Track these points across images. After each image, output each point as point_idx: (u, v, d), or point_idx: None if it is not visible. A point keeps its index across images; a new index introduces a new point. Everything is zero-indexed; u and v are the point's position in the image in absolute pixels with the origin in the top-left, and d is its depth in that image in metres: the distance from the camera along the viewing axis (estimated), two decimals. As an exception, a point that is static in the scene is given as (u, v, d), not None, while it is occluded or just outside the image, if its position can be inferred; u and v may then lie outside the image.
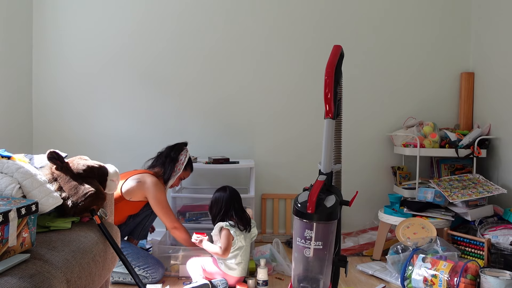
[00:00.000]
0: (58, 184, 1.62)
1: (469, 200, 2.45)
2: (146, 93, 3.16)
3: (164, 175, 2.51)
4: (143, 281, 2.19)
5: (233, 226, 2.24)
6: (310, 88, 3.14)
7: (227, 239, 2.21)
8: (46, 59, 3.16)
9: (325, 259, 1.48)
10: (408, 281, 2.11)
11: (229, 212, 2.30)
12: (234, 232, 2.22)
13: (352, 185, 2.82)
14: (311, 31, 3.15)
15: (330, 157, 1.55)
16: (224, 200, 2.32)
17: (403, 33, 3.17)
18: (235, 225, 2.25)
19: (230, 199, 2.32)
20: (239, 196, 2.38)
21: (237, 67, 3.16)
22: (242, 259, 2.24)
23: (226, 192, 2.35)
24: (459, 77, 3.17)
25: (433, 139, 2.82)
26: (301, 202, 1.47)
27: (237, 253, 2.22)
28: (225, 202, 2.32)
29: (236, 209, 2.32)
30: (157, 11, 3.13)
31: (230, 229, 2.22)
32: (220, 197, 2.34)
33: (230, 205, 2.31)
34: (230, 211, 2.30)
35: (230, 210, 2.30)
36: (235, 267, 2.22)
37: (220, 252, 2.19)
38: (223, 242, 2.21)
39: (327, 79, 1.51)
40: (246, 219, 2.32)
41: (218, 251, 2.20)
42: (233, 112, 3.18)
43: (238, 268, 2.22)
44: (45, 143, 3.10)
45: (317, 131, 3.04)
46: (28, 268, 1.18)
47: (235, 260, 2.22)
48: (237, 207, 2.32)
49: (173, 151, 2.56)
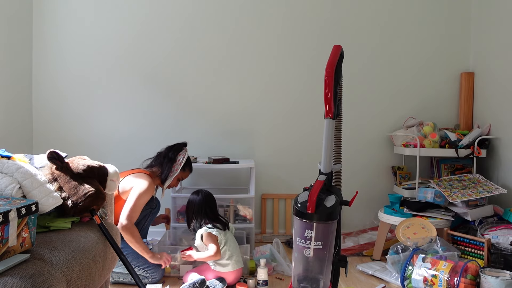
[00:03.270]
0: (58, 184, 1.62)
1: (469, 200, 2.45)
2: (146, 93, 3.16)
3: (161, 175, 2.50)
4: (143, 281, 2.19)
5: (211, 228, 2.28)
6: (310, 88, 3.14)
7: (213, 240, 2.24)
8: (46, 60, 3.16)
9: (325, 259, 1.48)
10: (408, 281, 2.11)
11: (202, 214, 2.33)
12: (216, 232, 2.26)
13: (352, 185, 2.83)
14: (311, 31, 3.15)
15: (330, 157, 1.55)
16: (197, 204, 2.35)
17: (403, 33, 3.17)
18: (212, 227, 2.29)
19: (203, 204, 2.35)
20: (212, 201, 2.40)
21: (237, 67, 3.16)
22: (232, 252, 2.26)
23: (199, 196, 2.38)
24: (459, 77, 3.17)
25: (433, 139, 2.82)
26: (301, 202, 1.47)
27: (224, 249, 2.25)
28: (198, 206, 2.35)
29: (209, 214, 2.34)
30: (158, 12, 3.13)
31: (211, 231, 2.26)
32: (193, 201, 2.38)
33: (202, 210, 2.34)
34: (203, 213, 2.33)
35: (203, 213, 2.33)
36: (228, 262, 2.23)
37: (213, 254, 2.20)
38: (210, 244, 2.23)
39: (327, 79, 1.51)
40: (221, 221, 2.35)
41: (211, 253, 2.21)
42: (234, 112, 3.18)
43: (231, 262, 2.24)
44: (45, 143, 3.10)
45: (317, 131, 3.04)
46: (28, 268, 1.18)
47: (225, 255, 2.24)
48: (209, 212, 2.35)
49: (172, 151, 2.55)
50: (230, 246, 2.27)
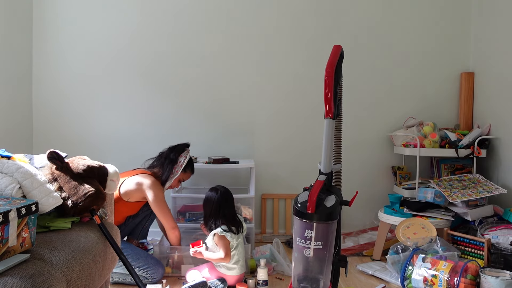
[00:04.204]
0: (58, 184, 1.62)
1: (469, 200, 2.45)
2: (147, 93, 3.16)
3: (162, 176, 2.50)
4: (143, 281, 2.19)
5: (226, 231, 2.23)
6: (311, 88, 3.14)
7: (225, 245, 2.21)
8: (46, 59, 3.16)
9: (325, 259, 1.48)
10: (408, 281, 2.11)
11: (219, 214, 2.28)
12: (230, 237, 2.22)
13: (352, 185, 2.83)
14: (311, 31, 3.15)
15: (330, 157, 1.55)
16: (215, 201, 2.31)
17: (403, 33, 3.17)
18: (228, 229, 2.24)
19: (221, 201, 2.31)
20: (230, 198, 2.35)
21: (237, 67, 3.16)
22: (239, 257, 2.25)
23: (218, 193, 2.33)
24: (459, 77, 3.17)
25: (433, 139, 2.82)
26: (301, 202, 1.47)
27: (234, 253, 2.23)
28: (215, 204, 2.30)
29: (226, 212, 2.30)
30: (158, 11, 3.13)
31: (225, 235, 2.22)
32: (210, 199, 2.33)
33: (220, 208, 2.30)
34: (221, 213, 2.29)
35: (221, 213, 2.29)
36: (234, 266, 2.23)
37: (223, 257, 2.19)
38: (222, 248, 2.20)
39: (327, 79, 1.52)
40: (237, 222, 2.31)
41: (221, 256, 2.19)
42: (233, 112, 3.18)
43: (237, 266, 2.23)
44: (45, 143, 3.10)
45: (317, 131, 3.04)
46: (28, 268, 1.18)
47: (233, 260, 2.22)
48: (226, 211, 2.30)
49: (174, 152, 2.54)
50: (239, 251, 2.25)
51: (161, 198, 2.40)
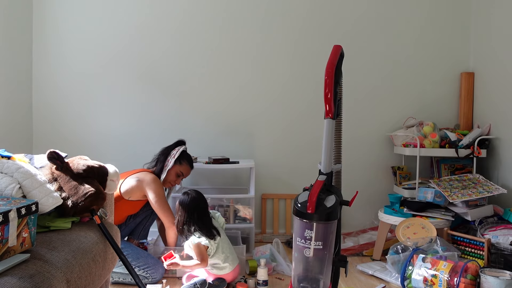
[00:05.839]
0: (58, 184, 1.62)
1: (469, 200, 2.45)
2: (146, 93, 3.16)
3: (156, 169, 2.54)
4: (143, 281, 2.19)
5: (199, 237, 2.19)
6: (311, 88, 3.14)
7: (200, 252, 2.16)
8: (46, 59, 3.16)
9: (325, 259, 1.48)
10: (408, 281, 2.11)
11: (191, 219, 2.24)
12: (205, 242, 2.18)
13: (352, 185, 2.82)
14: (311, 31, 3.15)
15: (330, 157, 1.55)
16: (186, 205, 2.27)
17: (403, 33, 3.17)
18: (200, 236, 2.19)
19: (191, 206, 2.26)
20: (200, 205, 2.29)
21: (237, 67, 3.16)
22: (227, 253, 2.22)
23: (189, 197, 2.29)
24: (459, 77, 3.16)
25: (433, 139, 2.82)
26: (301, 202, 1.47)
27: (219, 254, 2.20)
28: (186, 208, 2.27)
29: (198, 217, 2.24)
30: (158, 11, 3.13)
31: (199, 241, 2.17)
32: (183, 202, 2.29)
33: (191, 212, 2.25)
34: (193, 218, 2.24)
35: (193, 217, 2.24)
36: (225, 264, 2.21)
37: (200, 263, 2.15)
38: (197, 256, 2.16)
39: (327, 79, 1.51)
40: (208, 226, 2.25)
41: (198, 263, 2.15)
42: (233, 112, 3.18)
43: (228, 264, 2.21)
44: (45, 143, 3.10)
45: (317, 131, 3.04)
46: (28, 268, 1.18)
47: (221, 259, 2.20)
48: (196, 219, 2.24)
49: (168, 148, 2.60)
50: (224, 248, 2.22)
51: (161, 195, 2.41)
